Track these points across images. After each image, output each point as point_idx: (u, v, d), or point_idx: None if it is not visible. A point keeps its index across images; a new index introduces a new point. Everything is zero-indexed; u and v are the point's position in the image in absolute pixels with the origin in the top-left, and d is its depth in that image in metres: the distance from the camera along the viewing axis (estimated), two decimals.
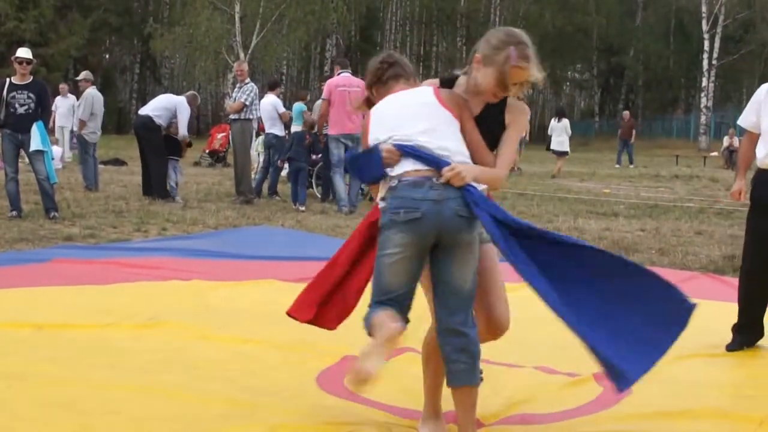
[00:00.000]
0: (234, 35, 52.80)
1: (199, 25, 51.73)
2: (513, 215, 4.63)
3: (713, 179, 29.31)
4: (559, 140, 30.50)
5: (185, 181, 20.32)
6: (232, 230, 13.69)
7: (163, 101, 18.51)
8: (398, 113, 4.66)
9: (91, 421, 4.93)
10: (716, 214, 17.72)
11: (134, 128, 18.40)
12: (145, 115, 18.07)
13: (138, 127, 18.17)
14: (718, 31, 59.91)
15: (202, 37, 52.23)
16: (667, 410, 5.31)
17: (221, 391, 5.49)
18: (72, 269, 9.59)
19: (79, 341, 6.66)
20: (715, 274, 10.64)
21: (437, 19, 74.69)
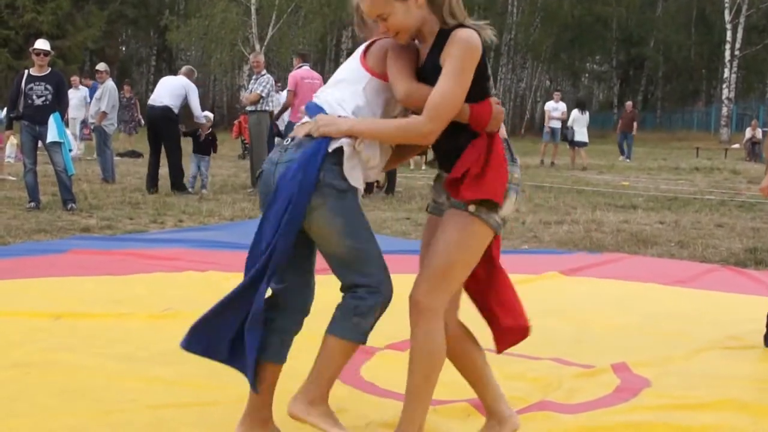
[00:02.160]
0: (250, 27, 52.86)
1: (215, 17, 51.85)
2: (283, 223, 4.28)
3: (735, 171, 29.24)
4: (582, 131, 30.43)
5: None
6: (248, 221, 13.72)
7: (171, 87, 18.07)
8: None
9: (107, 409, 4.98)
10: (737, 207, 17.67)
11: (150, 119, 18.07)
12: (163, 105, 17.66)
13: (156, 119, 17.79)
14: (741, 21, 59.62)
15: (217, 29, 52.35)
16: (686, 402, 5.31)
17: (236, 379, 5.50)
18: (89, 260, 9.68)
19: (95, 331, 6.72)
20: (735, 267, 10.63)
21: None
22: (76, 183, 16.64)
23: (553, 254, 11.13)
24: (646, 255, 11.50)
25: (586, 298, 8.71)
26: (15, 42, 50.68)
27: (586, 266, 10.22)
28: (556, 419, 4.98)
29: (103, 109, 19.91)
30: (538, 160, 31.63)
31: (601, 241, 12.47)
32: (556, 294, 8.80)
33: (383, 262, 4.37)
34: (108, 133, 20.15)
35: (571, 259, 10.69)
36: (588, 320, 7.70)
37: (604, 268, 10.21)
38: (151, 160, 17.97)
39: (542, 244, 12.25)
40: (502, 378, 5.36)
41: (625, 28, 73.10)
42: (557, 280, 9.40)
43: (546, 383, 5.63)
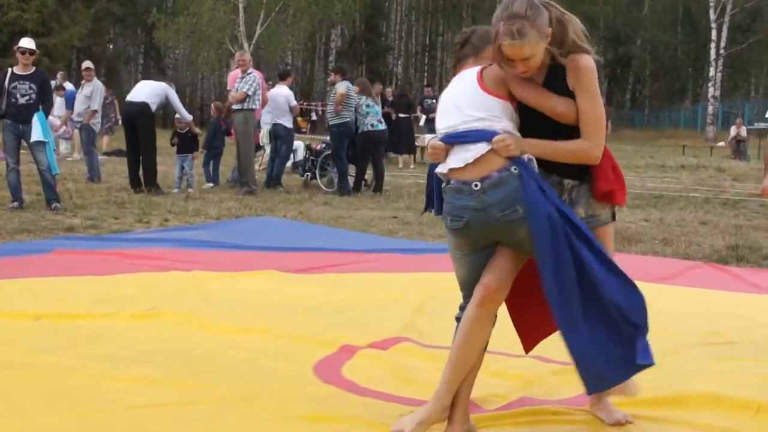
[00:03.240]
0: (238, 25, 52.80)
1: (203, 15, 51.76)
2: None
3: (720, 169, 29.33)
4: None
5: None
6: (234, 221, 13.73)
7: (151, 87, 18.14)
8: (444, 103, 4.63)
9: (89, 409, 4.97)
10: (722, 204, 17.75)
11: (127, 116, 17.93)
12: (141, 102, 17.57)
13: (134, 115, 17.62)
14: (726, 20, 59.77)
15: (205, 27, 52.25)
16: (664, 398, 5.34)
17: (219, 379, 5.54)
18: (73, 260, 9.64)
19: (78, 331, 6.70)
20: (717, 264, 10.67)
21: (443, 8, 74.56)
22: (62, 182, 16.62)
23: None
24: (630, 253, 11.53)
25: None
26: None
27: None
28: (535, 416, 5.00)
29: (94, 108, 19.88)
30: None
31: None
32: None
33: None
34: (95, 132, 20.17)
35: None
36: None
37: None
38: (130, 158, 17.86)
39: None
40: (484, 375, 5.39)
41: (613, 28, 73.22)
42: None
43: (527, 380, 5.64)
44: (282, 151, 19.39)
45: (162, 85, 18.21)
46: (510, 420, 4.94)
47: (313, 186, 19.81)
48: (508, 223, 4.34)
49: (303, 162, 20.87)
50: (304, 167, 20.66)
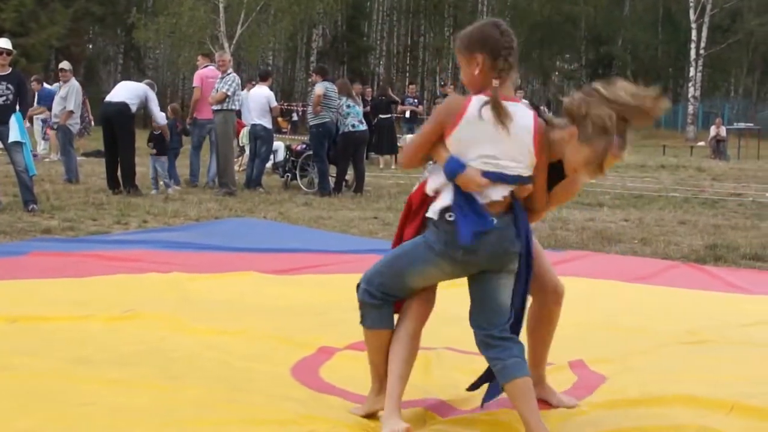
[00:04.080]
0: (218, 25, 52.75)
1: (183, 15, 51.71)
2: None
3: (700, 169, 29.47)
4: None
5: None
6: (214, 222, 13.72)
7: (132, 89, 18.09)
8: (494, 135, 4.56)
9: (65, 412, 4.96)
10: (701, 204, 17.83)
11: (105, 115, 17.87)
12: (120, 102, 17.50)
13: (112, 115, 17.54)
14: (706, 20, 60.02)
15: (185, 27, 52.20)
16: (640, 398, 5.36)
17: (196, 381, 5.54)
18: (49, 262, 9.60)
19: (54, 333, 6.67)
20: (695, 264, 10.72)
21: (424, 8, 74.60)
22: (39, 183, 16.59)
23: None
24: (609, 252, 11.57)
25: None
26: None
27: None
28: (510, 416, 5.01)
29: (70, 108, 19.84)
30: None
31: (566, 239, 12.55)
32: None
33: None
34: (72, 133, 20.14)
35: None
36: None
37: (566, 265, 10.22)
38: (108, 159, 17.78)
39: None
40: (462, 375, 5.43)
41: (594, 28, 73.47)
42: None
43: None
44: (262, 151, 19.41)
45: (142, 86, 18.18)
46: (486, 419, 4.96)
47: (293, 187, 19.83)
48: (510, 255, 4.68)
49: (283, 163, 20.88)
50: (284, 168, 20.67)
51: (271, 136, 19.88)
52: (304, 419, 4.88)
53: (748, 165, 32.83)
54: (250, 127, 20.22)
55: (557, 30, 71.59)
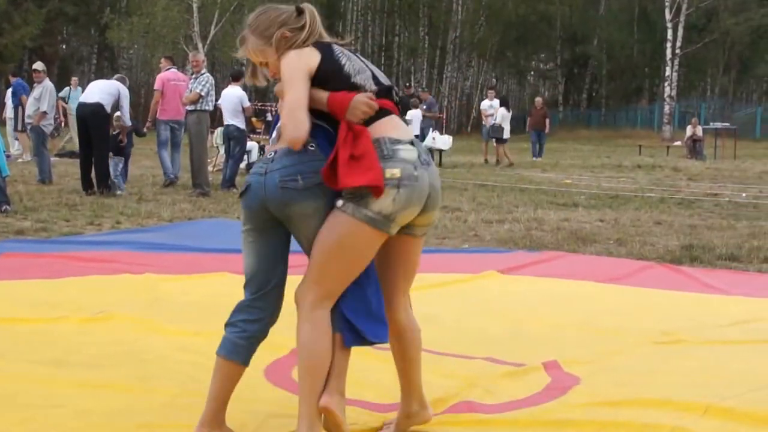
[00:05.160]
0: (192, 25, 52.66)
1: (156, 15, 51.63)
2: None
3: (676, 169, 29.55)
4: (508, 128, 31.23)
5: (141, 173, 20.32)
6: (187, 223, 13.69)
7: (104, 86, 18.02)
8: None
9: (33, 414, 4.95)
10: (677, 204, 17.87)
11: (81, 117, 17.87)
12: (95, 102, 17.40)
13: (87, 116, 17.52)
14: (681, 19, 60.29)
15: (159, 27, 52.12)
16: (614, 399, 5.37)
17: (168, 383, 5.53)
18: (21, 263, 9.57)
19: (25, 335, 6.66)
20: (671, 264, 10.74)
21: (399, 8, 74.50)
22: (12, 184, 16.52)
23: (492, 253, 11.20)
24: (584, 253, 11.59)
25: (523, 296, 8.77)
26: None
27: (524, 265, 10.30)
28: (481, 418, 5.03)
29: (43, 109, 19.78)
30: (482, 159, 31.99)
31: (541, 240, 12.56)
32: (493, 293, 8.86)
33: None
34: (46, 134, 20.09)
35: (510, 258, 10.75)
36: (523, 319, 7.76)
37: (541, 266, 10.28)
38: (83, 160, 17.75)
39: (483, 242, 12.32)
40: (433, 376, 5.43)
41: (569, 27, 73.62)
42: (495, 279, 9.44)
43: (473, 382, 5.65)
44: (235, 152, 19.41)
45: (115, 84, 18.08)
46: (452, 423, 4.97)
47: None
48: (283, 192, 4.51)
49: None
50: None
51: (245, 136, 19.91)
52: (276, 419, 4.88)
53: (725, 165, 32.95)
54: (223, 128, 20.24)
55: (532, 29, 71.71)
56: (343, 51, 4.60)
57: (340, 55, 4.56)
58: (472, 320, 7.59)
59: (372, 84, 4.53)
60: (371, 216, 4.30)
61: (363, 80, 4.51)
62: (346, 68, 4.51)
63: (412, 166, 4.37)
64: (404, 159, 4.36)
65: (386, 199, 4.28)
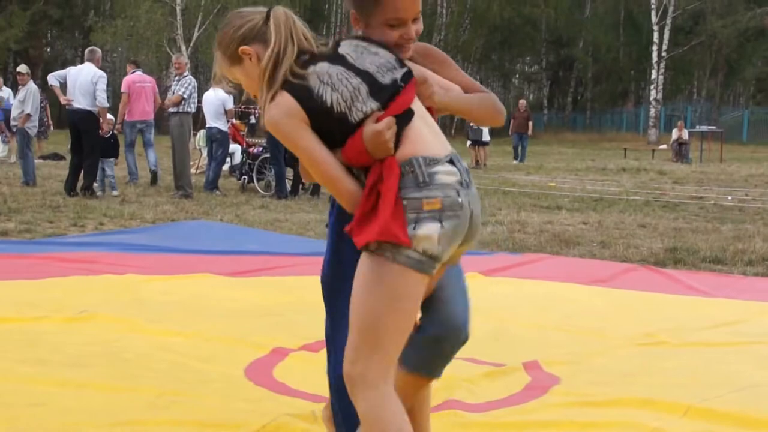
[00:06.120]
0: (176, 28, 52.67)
1: (140, 18, 51.66)
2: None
3: (661, 172, 29.63)
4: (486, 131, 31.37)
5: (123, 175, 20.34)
6: (170, 224, 13.70)
7: (87, 88, 17.76)
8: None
9: (14, 413, 4.95)
10: (661, 207, 17.94)
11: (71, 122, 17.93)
12: (84, 109, 17.54)
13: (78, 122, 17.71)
14: (668, 22, 60.48)
15: (143, 30, 52.14)
16: (593, 400, 5.41)
17: (150, 383, 5.54)
18: (3, 264, 9.56)
19: (6, 335, 6.66)
20: (654, 266, 10.78)
21: None
22: None
23: (473, 255, 11.20)
24: (568, 255, 11.63)
25: (505, 298, 8.77)
26: None
27: (506, 267, 10.32)
28: (461, 418, 5.05)
29: (27, 112, 19.78)
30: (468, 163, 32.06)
31: (524, 242, 12.60)
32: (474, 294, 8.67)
33: None
34: (30, 136, 20.10)
35: (492, 260, 10.76)
36: (505, 320, 7.77)
37: (523, 268, 10.31)
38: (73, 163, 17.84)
39: None
40: None
41: (554, 30, 73.70)
42: (476, 281, 9.40)
43: (454, 382, 5.66)
44: (218, 154, 19.46)
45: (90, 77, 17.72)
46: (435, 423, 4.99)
47: (250, 189, 19.83)
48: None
49: (240, 165, 20.90)
50: (241, 171, 20.68)
51: (227, 138, 20.01)
52: (257, 417, 4.90)
53: (711, 168, 33.05)
54: (206, 130, 20.31)
55: (517, 32, 71.79)
56: (324, 75, 3.67)
57: (320, 89, 3.64)
58: None
59: (372, 101, 3.65)
60: (416, 259, 3.50)
61: (361, 108, 3.63)
62: (335, 107, 3.63)
63: (455, 191, 3.55)
64: (443, 184, 3.54)
65: (430, 237, 3.49)
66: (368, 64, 3.74)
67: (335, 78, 3.65)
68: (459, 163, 3.65)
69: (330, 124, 3.61)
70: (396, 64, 3.78)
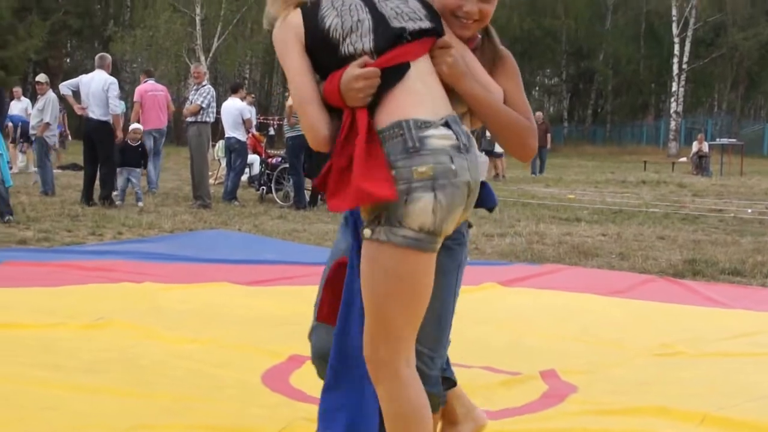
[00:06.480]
0: (195, 38, 52.82)
1: (159, 28, 51.80)
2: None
3: (681, 185, 29.53)
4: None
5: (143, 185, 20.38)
6: (188, 234, 13.74)
7: (100, 98, 17.84)
8: None
9: (27, 415, 4.98)
10: (681, 219, 17.89)
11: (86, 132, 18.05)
12: (99, 120, 17.64)
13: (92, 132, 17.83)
14: (689, 34, 60.32)
15: (162, 40, 52.29)
16: (609, 408, 5.41)
17: (165, 388, 5.56)
18: (22, 272, 9.61)
19: (23, 340, 6.69)
20: (673, 278, 10.76)
21: None
22: (15, 195, 16.59)
23: (493, 265, 11.22)
24: (586, 267, 11.61)
25: (523, 308, 8.78)
26: None
27: (524, 277, 10.32)
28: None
29: (46, 120, 19.85)
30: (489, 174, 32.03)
31: (543, 253, 12.60)
32: (493, 304, 8.89)
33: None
34: (49, 145, 20.16)
35: (511, 270, 10.78)
36: (523, 329, 7.79)
37: (542, 278, 10.31)
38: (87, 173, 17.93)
39: (484, 255, 12.34)
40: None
41: (575, 42, 73.48)
42: (495, 291, 9.47)
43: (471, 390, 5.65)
44: (236, 164, 19.49)
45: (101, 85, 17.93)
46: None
47: (268, 200, 19.85)
48: None
49: (259, 176, 20.93)
50: (259, 181, 20.70)
51: (245, 148, 20.01)
52: (273, 423, 4.91)
53: (731, 181, 32.94)
54: (224, 141, 20.37)
55: (538, 44, 71.59)
56: (338, 1, 3.56)
57: (327, 11, 3.53)
58: (472, 330, 7.61)
59: (368, 41, 3.48)
60: (412, 237, 3.35)
61: (354, 42, 3.47)
62: (332, 30, 3.49)
63: (448, 156, 3.36)
64: (436, 149, 3.35)
65: (424, 211, 3.32)
66: (389, 8, 3.57)
67: (345, 5, 3.52)
68: (456, 125, 3.44)
69: (323, 51, 3.48)
70: (422, 16, 3.59)
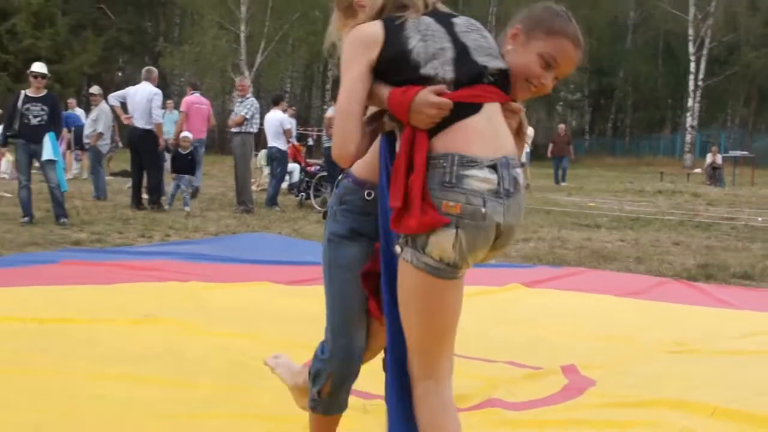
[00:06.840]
0: (240, 54, 53.01)
1: (206, 44, 52.00)
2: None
3: (695, 194, 29.39)
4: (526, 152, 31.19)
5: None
6: (231, 236, 13.79)
7: (144, 108, 17.82)
8: None
9: (76, 404, 5.04)
10: (695, 227, 17.81)
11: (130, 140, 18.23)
12: (143, 129, 17.70)
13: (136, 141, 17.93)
14: (704, 53, 60.08)
15: (209, 56, 52.48)
16: (627, 401, 5.41)
17: (208, 379, 5.59)
18: (77, 270, 9.69)
19: (74, 334, 6.75)
20: (686, 281, 10.74)
21: None
22: (69, 200, 16.68)
23: (516, 268, 11.23)
24: (605, 270, 11.60)
25: (545, 307, 8.77)
26: (14, 66, 50.54)
27: (547, 279, 10.31)
28: (502, 415, 5.08)
29: (99, 130, 19.99)
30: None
31: (564, 257, 12.59)
32: (516, 304, 8.90)
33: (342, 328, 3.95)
34: (102, 153, 20.32)
35: (533, 272, 10.78)
36: (545, 327, 7.79)
37: (563, 280, 10.31)
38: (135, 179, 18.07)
39: (508, 258, 12.33)
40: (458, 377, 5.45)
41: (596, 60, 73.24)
42: (519, 292, 9.48)
43: (496, 383, 5.71)
44: (277, 171, 19.56)
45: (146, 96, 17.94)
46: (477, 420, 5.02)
47: (307, 206, 19.88)
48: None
49: (298, 183, 20.99)
50: (299, 188, 20.76)
51: (286, 157, 20.03)
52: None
53: (743, 191, 32.76)
54: (267, 150, 20.44)
55: None
56: (423, 24, 3.38)
57: (411, 32, 3.33)
58: (496, 328, 7.64)
59: (450, 70, 3.29)
60: (433, 265, 3.24)
61: (436, 68, 3.28)
62: (414, 52, 3.30)
63: (482, 199, 3.19)
64: (471, 189, 3.19)
65: (445, 244, 3.20)
66: (470, 39, 3.42)
67: (430, 32, 3.35)
68: (504, 170, 3.25)
69: (402, 65, 3.29)
70: (498, 54, 3.47)
